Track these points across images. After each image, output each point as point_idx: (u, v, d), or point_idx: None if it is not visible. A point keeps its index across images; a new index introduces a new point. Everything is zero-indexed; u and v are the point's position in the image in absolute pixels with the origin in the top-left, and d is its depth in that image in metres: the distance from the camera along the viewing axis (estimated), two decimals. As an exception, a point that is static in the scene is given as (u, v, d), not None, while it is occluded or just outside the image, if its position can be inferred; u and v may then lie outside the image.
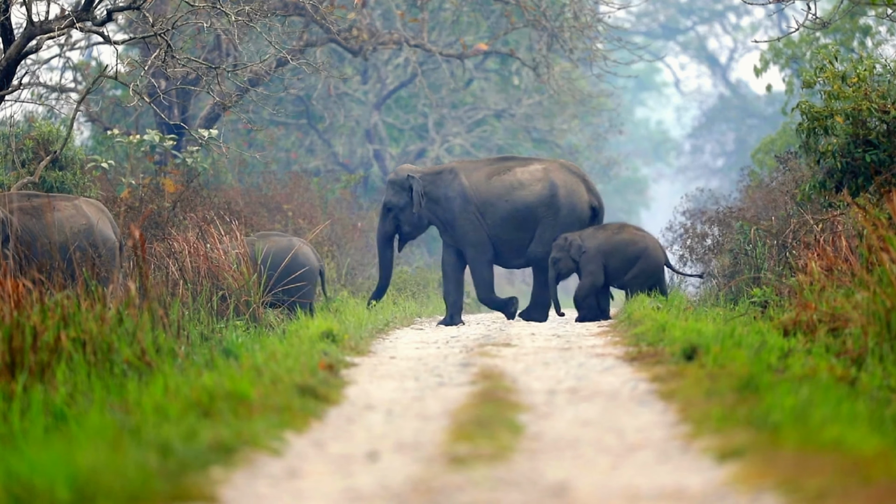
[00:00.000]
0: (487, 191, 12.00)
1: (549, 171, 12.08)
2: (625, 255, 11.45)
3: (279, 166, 22.66)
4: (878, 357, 6.33)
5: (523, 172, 12.09)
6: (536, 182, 12.01)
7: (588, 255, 11.44)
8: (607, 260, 11.45)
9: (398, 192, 11.99)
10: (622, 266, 11.48)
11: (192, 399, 5.44)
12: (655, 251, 11.52)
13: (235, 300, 11.01)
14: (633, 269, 11.44)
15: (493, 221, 11.94)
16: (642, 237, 11.54)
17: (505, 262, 12.20)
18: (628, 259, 11.45)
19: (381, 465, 4.48)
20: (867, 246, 7.07)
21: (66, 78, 18.60)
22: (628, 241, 11.45)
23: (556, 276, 11.64)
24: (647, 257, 11.45)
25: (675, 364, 6.75)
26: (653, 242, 11.56)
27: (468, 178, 12.01)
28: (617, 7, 18.06)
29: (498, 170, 12.12)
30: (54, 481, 4.03)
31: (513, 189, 11.99)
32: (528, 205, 11.95)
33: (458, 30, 22.65)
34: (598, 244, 11.45)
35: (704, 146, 46.61)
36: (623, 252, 11.43)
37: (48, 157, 10.71)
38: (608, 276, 11.57)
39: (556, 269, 11.57)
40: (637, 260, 11.44)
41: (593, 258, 11.45)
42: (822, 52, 9.73)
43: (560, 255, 11.53)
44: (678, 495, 3.98)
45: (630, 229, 11.62)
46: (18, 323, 6.11)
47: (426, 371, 7.00)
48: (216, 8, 10.38)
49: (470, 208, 11.91)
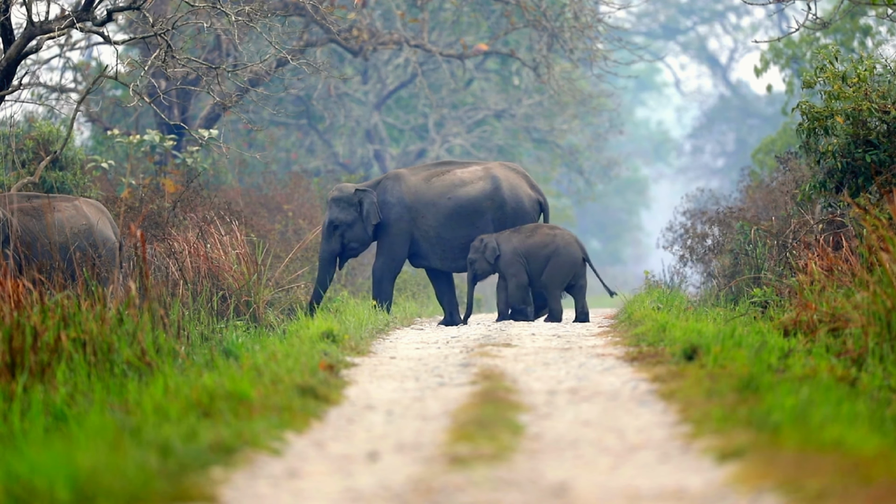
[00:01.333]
0: (428, 191, 11.93)
1: (489, 169, 12.07)
2: (539, 256, 11.40)
3: (279, 166, 22.67)
4: (879, 357, 6.33)
5: (464, 172, 12.06)
6: (478, 179, 11.99)
7: (505, 258, 11.38)
8: (526, 261, 11.40)
9: (345, 209, 11.85)
10: (539, 267, 11.43)
11: (193, 399, 5.44)
12: (568, 248, 11.43)
13: (235, 300, 11.01)
14: (547, 270, 11.41)
15: (435, 221, 11.87)
16: (554, 236, 11.45)
17: (449, 265, 12.06)
18: (543, 260, 11.41)
19: (382, 465, 4.48)
20: (867, 246, 7.07)
21: (66, 78, 18.61)
22: (541, 243, 11.40)
23: (473, 277, 11.58)
24: (559, 255, 11.38)
25: (675, 364, 6.74)
26: (566, 240, 11.46)
27: (407, 182, 11.94)
28: (617, 7, 18.07)
29: (437, 172, 12.08)
30: (54, 481, 4.03)
31: (454, 187, 11.94)
32: (472, 200, 11.90)
33: (458, 30, 22.66)
34: (514, 247, 11.39)
35: (705, 146, 46.63)
36: (537, 253, 11.39)
37: (48, 157, 10.71)
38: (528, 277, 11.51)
39: (472, 270, 11.51)
40: (550, 260, 11.39)
41: (512, 260, 11.39)
42: (823, 52, 9.72)
43: (476, 256, 11.46)
44: (678, 495, 3.98)
45: (544, 229, 11.53)
46: (19, 323, 6.12)
47: (426, 371, 6.99)
48: (216, 8, 10.38)
49: (406, 216, 11.83)
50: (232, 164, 19.76)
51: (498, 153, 25.06)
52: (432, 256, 11.92)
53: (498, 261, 11.40)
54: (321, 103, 23.35)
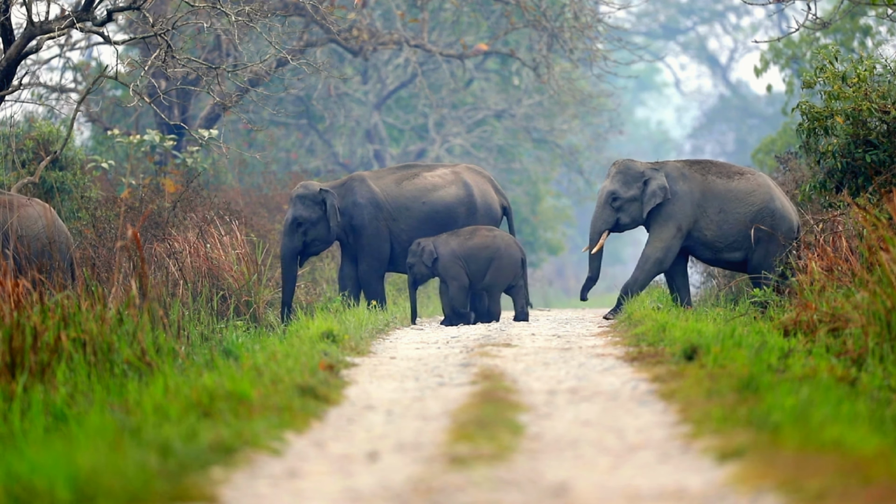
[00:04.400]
0: (400, 195, 11.86)
1: (458, 174, 12.02)
2: (479, 258, 11.38)
3: (279, 166, 22.66)
4: (879, 357, 6.33)
5: (433, 176, 11.99)
6: (450, 184, 11.93)
7: (444, 261, 11.35)
8: (466, 264, 11.39)
9: (309, 207, 11.74)
10: (479, 269, 11.41)
11: (193, 399, 5.44)
12: (509, 250, 11.43)
13: (235, 300, 11.01)
14: (489, 272, 11.40)
15: (408, 225, 11.80)
16: (494, 238, 11.43)
17: None
18: (484, 262, 11.39)
19: (382, 465, 4.48)
20: (867, 246, 7.07)
21: (66, 78, 18.62)
22: (481, 245, 11.38)
23: (413, 281, 11.51)
24: (502, 258, 11.37)
25: (675, 364, 6.75)
26: (506, 242, 11.45)
27: (376, 184, 11.89)
28: (617, 7, 18.07)
29: (406, 175, 12.00)
30: (54, 481, 4.03)
31: (427, 191, 11.88)
32: (447, 205, 11.86)
33: (458, 30, 22.66)
34: (453, 249, 11.36)
35: (705, 146, 46.65)
36: (478, 255, 11.37)
37: (48, 157, 10.71)
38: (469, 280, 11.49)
39: (411, 274, 11.45)
40: (492, 262, 11.39)
41: (450, 263, 11.37)
42: (823, 52, 9.72)
43: (414, 260, 11.39)
44: (678, 495, 3.98)
45: (483, 231, 11.50)
46: (19, 323, 6.12)
47: (426, 371, 7.00)
48: (216, 8, 10.38)
49: (381, 215, 11.80)
50: (232, 164, 19.76)
51: (498, 153, 25.07)
52: (401, 260, 11.90)
53: (436, 264, 11.36)
54: (321, 103, 23.35)
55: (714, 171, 11.15)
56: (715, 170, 11.15)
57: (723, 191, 11.00)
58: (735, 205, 10.93)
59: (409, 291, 11.71)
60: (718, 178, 11.07)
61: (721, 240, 10.94)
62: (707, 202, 11.04)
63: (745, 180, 11.00)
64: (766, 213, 10.82)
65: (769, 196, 10.87)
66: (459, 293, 11.39)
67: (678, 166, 11.24)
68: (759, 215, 10.82)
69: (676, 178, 11.16)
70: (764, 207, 10.84)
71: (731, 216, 10.91)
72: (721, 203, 10.99)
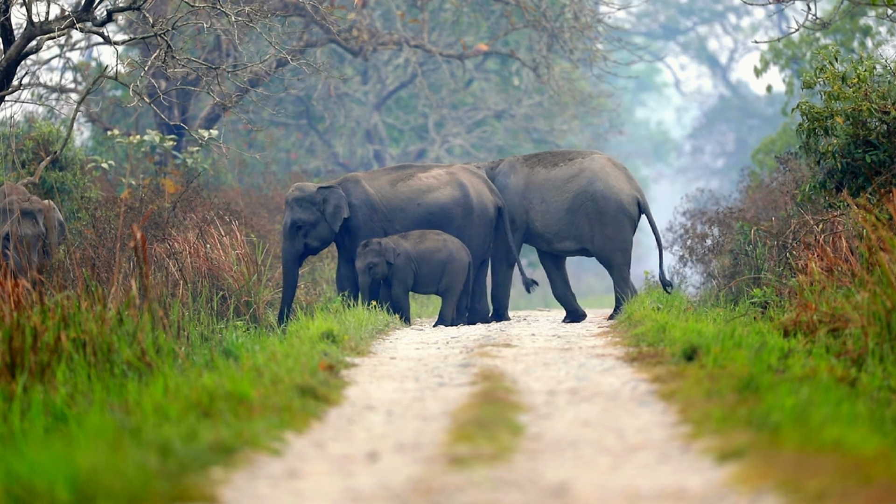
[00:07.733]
0: (395, 196, 11.81)
1: (454, 174, 11.97)
2: (431, 261, 11.37)
3: (279, 167, 22.66)
4: (879, 357, 6.33)
5: (427, 177, 11.93)
6: (445, 185, 11.89)
7: (399, 262, 11.36)
8: (417, 267, 11.39)
9: (307, 209, 11.70)
10: (432, 273, 11.41)
11: (193, 399, 5.44)
12: (460, 253, 11.45)
13: (235, 300, 11.00)
14: (444, 277, 11.41)
15: (403, 227, 11.75)
16: (444, 242, 11.42)
17: None
18: (437, 266, 11.38)
19: (382, 465, 4.48)
20: (867, 246, 7.07)
21: (66, 78, 18.60)
22: (433, 248, 11.37)
23: (370, 281, 11.40)
24: (454, 261, 11.39)
25: (675, 364, 6.75)
26: (456, 246, 11.45)
27: (371, 185, 11.85)
28: (617, 7, 18.08)
29: (400, 176, 11.95)
30: (54, 481, 4.03)
31: (422, 192, 11.83)
32: (443, 206, 11.81)
33: (458, 30, 22.66)
34: (406, 251, 11.37)
35: (705, 147, 46.64)
36: (430, 259, 11.36)
37: (48, 157, 10.71)
38: (418, 283, 11.47)
39: (370, 275, 11.34)
40: (446, 266, 11.39)
41: (404, 265, 11.37)
42: (823, 52, 9.72)
43: (377, 259, 11.30)
44: (678, 496, 3.98)
45: (432, 235, 11.49)
46: (19, 323, 6.12)
47: (426, 371, 7.00)
48: (216, 8, 10.38)
49: (375, 217, 11.77)
50: (232, 164, 19.76)
51: (498, 153, 25.07)
52: None
53: (396, 262, 11.36)
54: (321, 103, 23.35)
55: (543, 162, 11.41)
56: (546, 160, 11.39)
57: (543, 180, 11.19)
58: (553, 193, 11.13)
59: (361, 296, 11.36)
60: (543, 168, 11.30)
61: (548, 229, 11.20)
62: (531, 193, 11.31)
63: (567, 167, 11.16)
64: (584, 197, 11.01)
65: (589, 179, 10.98)
66: (404, 294, 11.45)
67: (511, 161, 11.64)
68: (576, 201, 11.00)
69: (507, 173, 11.54)
70: (581, 192, 10.99)
71: (552, 205, 11.09)
72: (541, 193, 11.20)
